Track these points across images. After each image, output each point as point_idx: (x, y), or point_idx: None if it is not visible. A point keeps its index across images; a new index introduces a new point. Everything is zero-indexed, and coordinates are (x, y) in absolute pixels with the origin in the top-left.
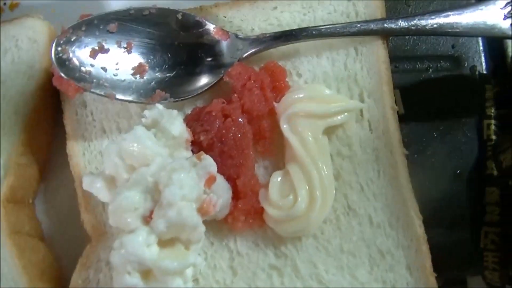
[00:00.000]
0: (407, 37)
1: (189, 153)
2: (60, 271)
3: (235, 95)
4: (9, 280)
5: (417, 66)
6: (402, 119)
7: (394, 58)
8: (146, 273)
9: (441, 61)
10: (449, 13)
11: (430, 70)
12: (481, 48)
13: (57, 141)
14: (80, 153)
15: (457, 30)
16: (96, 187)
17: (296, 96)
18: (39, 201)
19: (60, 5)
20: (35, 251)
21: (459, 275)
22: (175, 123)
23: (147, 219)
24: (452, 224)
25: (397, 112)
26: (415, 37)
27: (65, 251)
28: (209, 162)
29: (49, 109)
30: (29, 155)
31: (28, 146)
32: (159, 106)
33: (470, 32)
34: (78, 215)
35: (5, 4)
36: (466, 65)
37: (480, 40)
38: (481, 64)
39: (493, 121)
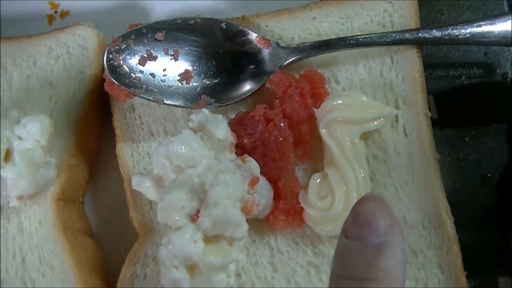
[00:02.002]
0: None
1: (233, 156)
2: (107, 267)
3: (277, 101)
4: (61, 274)
5: (450, 73)
6: (436, 124)
7: (428, 65)
8: (192, 268)
9: (474, 68)
10: (481, 23)
11: (463, 76)
12: None
13: (104, 143)
14: (129, 154)
15: (489, 39)
16: (145, 187)
17: (334, 103)
18: (87, 199)
19: (107, 13)
20: (85, 247)
21: (489, 276)
22: (220, 127)
23: (193, 217)
24: (482, 226)
25: (431, 117)
26: (448, 45)
27: (112, 248)
28: (252, 164)
29: (98, 113)
30: (80, 157)
31: (78, 148)
32: (205, 111)
33: (502, 42)
34: (124, 213)
35: (56, 12)
36: (498, 72)
37: None
38: None
39: None
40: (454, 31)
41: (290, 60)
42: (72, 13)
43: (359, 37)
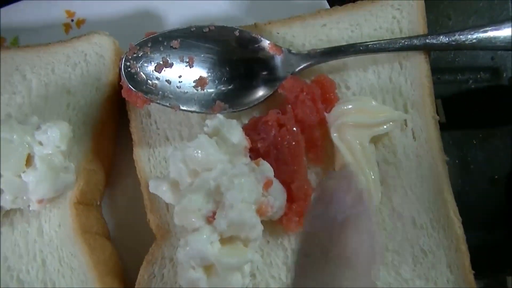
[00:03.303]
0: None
1: (248, 159)
2: (124, 268)
3: (289, 106)
4: (80, 275)
5: (458, 77)
6: (444, 127)
7: (436, 70)
8: (208, 268)
9: (481, 73)
10: (487, 28)
11: (470, 81)
12: None
13: (120, 148)
14: (145, 159)
15: (496, 44)
16: (162, 190)
17: (345, 107)
18: (105, 203)
19: (122, 21)
20: (103, 249)
21: (498, 276)
22: (235, 132)
23: (210, 219)
24: (490, 227)
25: (439, 120)
26: (455, 50)
27: (128, 250)
28: (266, 168)
29: (114, 119)
30: (97, 162)
31: (96, 153)
32: (220, 116)
33: (508, 47)
34: (140, 216)
35: (72, 20)
36: (504, 76)
37: None
38: None
39: None
40: (461, 37)
41: (301, 67)
42: (88, 21)
43: (368, 43)
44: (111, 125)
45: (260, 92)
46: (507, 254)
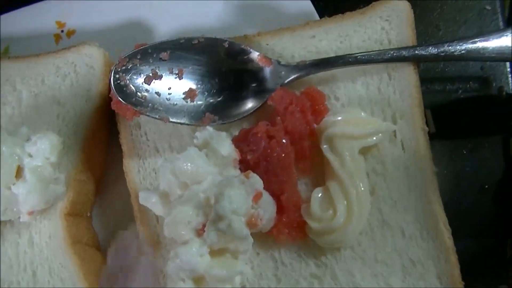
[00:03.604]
0: None
1: (237, 172)
2: None
3: (279, 118)
4: (71, 285)
5: (447, 87)
6: (434, 137)
7: (426, 80)
8: (198, 280)
9: (470, 82)
10: (476, 39)
11: (460, 91)
12: (508, 69)
13: (110, 158)
14: (135, 170)
15: (484, 55)
16: (152, 202)
17: (334, 119)
18: (95, 213)
19: (113, 32)
20: (93, 260)
21: (486, 284)
22: (224, 144)
23: (199, 231)
24: (479, 236)
25: (429, 131)
26: None
27: None
28: (256, 180)
29: (104, 129)
30: (87, 172)
31: (86, 164)
32: (209, 129)
33: (497, 58)
34: (130, 227)
35: (62, 31)
36: (494, 85)
37: (507, 62)
38: (508, 84)
39: None
40: (450, 47)
41: (291, 78)
42: (78, 32)
43: (357, 55)
44: (102, 135)
45: (250, 104)
46: (497, 262)
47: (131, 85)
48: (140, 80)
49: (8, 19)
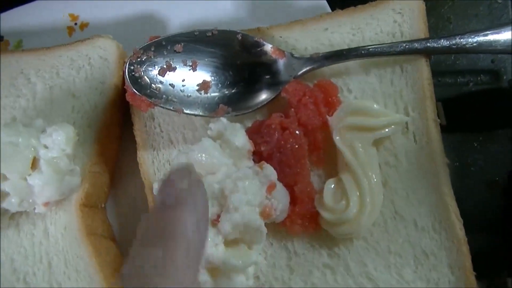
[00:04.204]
0: None
1: (251, 163)
2: None
3: (292, 109)
4: (86, 277)
5: (458, 80)
6: (445, 130)
7: (437, 73)
8: (213, 270)
9: (481, 75)
10: (488, 32)
11: (471, 83)
12: None
13: (124, 150)
14: (149, 162)
15: (496, 48)
16: None
17: (347, 111)
18: (109, 205)
19: (126, 25)
20: (108, 251)
21: (498, 277)
22: (239, 135)
23: (214, 222)
24: (489, 228)
25: (440, 123)
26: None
27: None
28: (270, 171)
29: (118, 121)
30: (101, 164)
31: (101, 156)
32: (223, 120)
33: (508, 50)
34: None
35: (76, 24)
36: (505, 78)
37: None
38: None
39: None
40: (462, 40)
41: (304, 70)
42: (91, 24)
43: (370, 47)
44: (116, 127)
45: (263, 96)
46: (506, 256)
47: (145, 77)
48: (154, 72)
49: (20, 12)
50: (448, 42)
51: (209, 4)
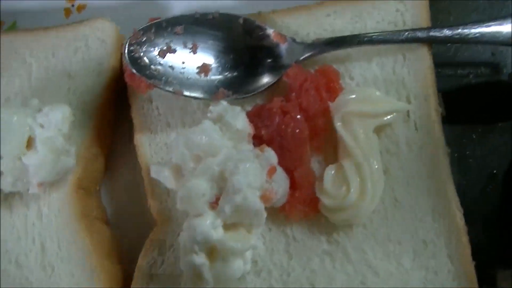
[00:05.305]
0: (449, 44)
1: (251, 146)
2: (122, 254)
3: (293, 94)
4: (79, 259)
5: (458, 72)
6: (444, 121)
7: (437, 64)
8: (211, 253)
9: (481, 68)
10: (490, 23)
11: (471, 76)
12: None
13: (118, 134)
14: (146, 144)
15: (498, 39)
16: (163, 176)
17: (349, 97)
18: (103, 189)
19: (123, 8)
20: (102, 234)
21: (493, 269)
22: (239, 118)
23: (213, 204)
24: (487, 220)
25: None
26: (457, 45)
27: (127, 235)
28: (270, 154)
29: (114, 104)
30: (97, 147)
31: (96, 138)
32: (224, 103)
33: (509, 42)
34: (139, 202)
35: (73, 6)
36: (504, 71)
37: None
38: None
39: None
40: (464, 30)
41: (306, 55)
42: (88, 7)
43: (372, 34)
44: (112, 110)
45: (264, 80)
46: (504, 247)
47: (145, 58)
48: (154, 53)
49: None
50: (451, 32)
51: None
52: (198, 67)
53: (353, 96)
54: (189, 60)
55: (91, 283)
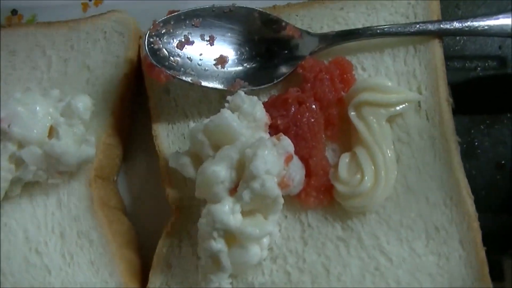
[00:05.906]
0: (457, 38)
1: (267, 136)
2: (140, 242)
3: (308, 85)
4: (98, 248)
5: (466, 65)
6: (453, 112)
7: (446, 58)
8: (229, 239)
9: (489, 61)
10: (499, 16)
11: (478, 69)
12: None
13: (135, 125)
14: (164, 134)
15: (507, 31)
16: (182, 164)
17: (362, 87)
18: (120, 179)
19: (140, 2)
20: (121, 223)
21: (497, 256)
22: (256, 107)
23: (232, 191)
24: (496, 210)
25: None
26: (465, 38)
27: (144, 224)
28: (287, 143)
29: (132, 95)
30: (115, 137)
31: (114, 129)
32: (241, 93)
33: None
34: (156, 191)
35: (90, 0)
36: (511, 65)
37: None
38: None
39: None
40: (474, 23)
41: (319, 47)
42: (105, 1)
43: (384, 27)
44: (128, 102)
45: (279, 71)
46: (509, 236)
47: (164, 49)
48: (173, 45)
49: None
50: (461, 24)
51: None
52: (215, 59)
53: (366, 86)
54: (207, 52)
55: (110, 271)
